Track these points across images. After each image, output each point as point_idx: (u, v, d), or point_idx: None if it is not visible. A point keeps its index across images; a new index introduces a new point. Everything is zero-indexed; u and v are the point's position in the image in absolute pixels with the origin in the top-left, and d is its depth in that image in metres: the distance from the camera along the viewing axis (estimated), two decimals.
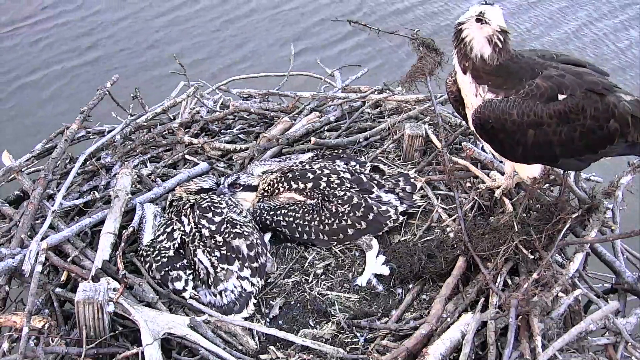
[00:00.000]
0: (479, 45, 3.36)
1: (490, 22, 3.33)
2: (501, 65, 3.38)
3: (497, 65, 3.37)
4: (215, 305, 3.66)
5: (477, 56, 3.37)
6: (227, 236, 3.86)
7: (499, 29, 3.34)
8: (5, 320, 3.54)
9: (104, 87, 4.88)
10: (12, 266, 3.60)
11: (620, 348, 3.50)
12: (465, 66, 3.42)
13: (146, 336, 3.24)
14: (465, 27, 3.38)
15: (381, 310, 3.68)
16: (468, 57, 3.39)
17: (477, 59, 3.37)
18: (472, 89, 3.45)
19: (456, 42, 3.43)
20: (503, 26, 3.36)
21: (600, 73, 3.58)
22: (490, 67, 3.38)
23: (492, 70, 3.38)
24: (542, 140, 3.41)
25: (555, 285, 3.40)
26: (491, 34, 3.34)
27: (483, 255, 3.62)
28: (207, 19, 10.13)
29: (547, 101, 3.36)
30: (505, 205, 4.02)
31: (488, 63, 3.37)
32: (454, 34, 3.44)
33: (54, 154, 4.37)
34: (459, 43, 3.41)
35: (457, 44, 3.43)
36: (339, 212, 4.05)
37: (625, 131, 3.48)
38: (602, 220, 3.84)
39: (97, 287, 3.31)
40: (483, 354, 3.29)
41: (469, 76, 3.44)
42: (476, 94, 3.45)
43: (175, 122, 5.05)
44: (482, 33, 3.34)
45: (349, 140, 4.85)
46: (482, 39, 3.35)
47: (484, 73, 3.40)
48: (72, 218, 4.19)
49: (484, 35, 3.34)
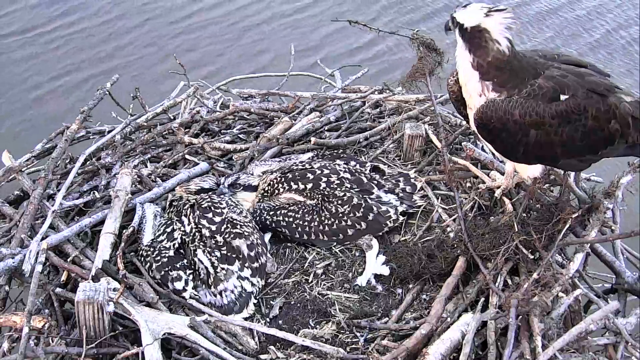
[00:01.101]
0: (500, 37, 3.31)
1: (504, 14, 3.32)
2: (509, 59, 3.35)
3: (506, 60, 3.34)
4: (215, 305, 3.66)
5: (497, 49, 3.32)
6: (228, 236, 3.86)
7: (513, 18, 3.32)
8: (5, 320, 3.53)
9: (104, 87, 4.88)
10: (12, 266, 3.59)
11: (620, 348, 3.50)
12: (479, 63, 3.36)
13: (146, 336, 3.24)
14: (486, 20, 3.31)
15: (381, 310, 3.68)
16: (488, 52, 3.33)
17: (495, 52, 3.33)
18: (478, 87, 3.42)
19: (468, 36, 3.35)
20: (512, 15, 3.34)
21: (601, 74, 3.58)
22: (501, 61, 3.34)
23: (502, 64, 3.34)
24: (543, 140, 3.41)
25: (555, 285, 3.40)
26: (506, 27, 3.31)
27: (483, 255, 3.62)
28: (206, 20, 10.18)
29: (550, 101, 3.35)
30: (505, 205, 4.02)
31: (504, 54, 3.33)
32: (468, 31, 3.36)
33: (54, 154, 4.37)
34: (473, 36, 3.34)
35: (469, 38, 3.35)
36: (339, 213, 4.05)
37: (625, 132, 3.48)
38: (602, 220, 3.84)
39: (97, 287, 3.31)
40: (483, 354, 3.29)
41: (477, 73, 3.39)
42: (480, 93, 3.43)
43: (175, 122, 5.05)
44: (500, 26, 3.31)
45: (349, 140, 4.85)
46: (503, 29, 3.31)
47: (494, 68, 3.36)
48: (72, 218, 4.19)
49: (501, 27, 3.31)
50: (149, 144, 4.92)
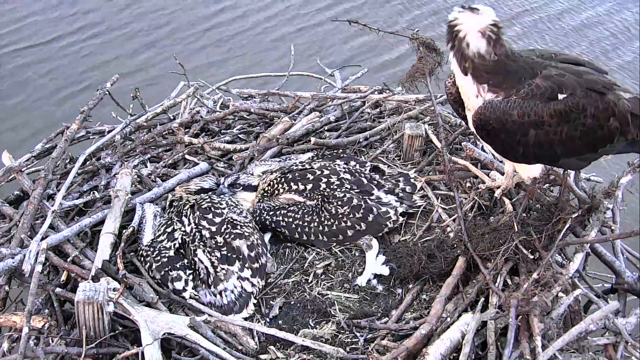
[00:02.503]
0: (475, 40, 3.25)
1: (481, 13, 3.25)
2: (499, 61, 3.30)
3: (494, 61, 3.30)
4: (215, 305, 3.66)
5: (475, 54, 3.28)
6: (228, 237, 3.86)
7: (491, 22, 3.26)
8: (5, 320, 3.54)
9: (104, 87, 4.88)
10: (12, 266, 3.60)
11: (620, 348, 3.49)
12: (465, 67, 3.34)
13: (146, 336, 3.24)
14: (459, 22, 3.27)
15: (381, 310, 3.68)
16: (467, 57, 3.30)
17: (475, 56, 3.29)
18: (474, 89, 3.40)
19: (452, 42, 3.33)
20: (495, 18, 3.28)
21: (599, 71, 3.56)
22: (489, 64, 3.30)
23: (491, 67, 3.31)
24: (543, 140, 3.39)
25: (555, 285, 3.39)
26: (484, 27, 3.25)
27: (483, 255, 3.62)
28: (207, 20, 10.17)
29: (548, 101, 3.34)
30: (505, 205, 4.02)
31: (486, 59, 3.28)
32: (447, 35, 3.34)
33: (54, 154, 4.37)
34: (455, 42, 3.31)
35: (452, 44, 3.33)
36: (339, 214, 4.05)
37: (625, 129, 3.47)
38: (602, 220, 3.84)
39: (97, 287, 3.31)
40: (483, 354, 3.28)
41: (469, 77, 3.38)
42: (477, 95, 3.43)
43: (175, 122, 5.05)
44: (475, 26, 3.24)
45: (349, 140, 4.85)
46: (477, 33, 3.25)
47: (484, 71, 3.34)
48: (72, 218, 4.19)
49: (477, 28, 3.24)
50: (149, 144, 4.92)
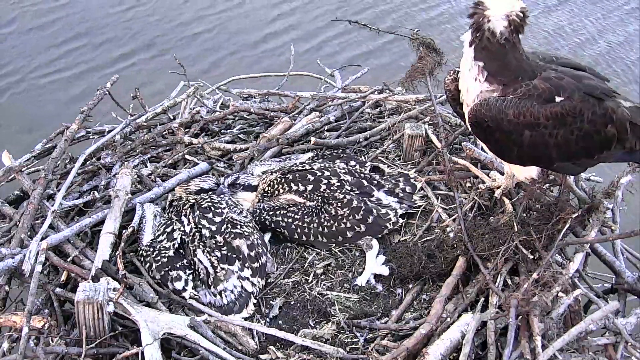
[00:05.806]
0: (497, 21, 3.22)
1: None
2: (504, 46, 3.26)
3: (500, 44, 3.26)
4: (215, 305, 3.66)
5: (491, 30, 3.24)
6: (228, 236, 3.86)
7: (520, 8, 3.25)
8: (5, 320, 3.54)
9: (103, 87, 4.88)
10: (12, 266, 3.59)
11: (620, 348, 3.49)
12: (474, 38, 3.29)
13: (146, 336, 3.24)
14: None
15: (381, 310, 3.68)
16: (482, 30, 3.25)
17: (488, 32, 3.25)
18: (474, 71, 3.36)
19: (474, 10, 3.28)
20: (524, 6, 3.26)
21: (600, 78, 3.54)
22: (495, 44, 3.26)
23: (495, 48, 3.27)
24: (538, 141, 3.36)
25: (555, 285, 3.39)
26: (511, 11, 3.23)
27: (483, 255, 3.62)
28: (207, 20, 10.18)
29: (544, 102, 3.31)
30: (505, 205, 4.02)
31: (496, 37, 3.24)
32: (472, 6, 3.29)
33: (54, 154, 4.36)
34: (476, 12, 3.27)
35: (475, 11, 3.27)
36: (339, 215, 4.05)
37: (622, 137, 3.44)
38: (602, 220, 3.84)
39: (97, 287, 3.31)
40: (483, 354, 3.28)
41: (471, 50, 3.32)
42: (476, 78, 3.37)
43: (175, 122, 5.05)
44: (504, 8, 3.22)
45: (349, 140, 4.85)
46: (503, 15, 3.22)
47: (485, 49, 3.28)
48: (72, 218, 4.18)
49: (505, 11, 3.22)
50: (149, 144, 4.91)
